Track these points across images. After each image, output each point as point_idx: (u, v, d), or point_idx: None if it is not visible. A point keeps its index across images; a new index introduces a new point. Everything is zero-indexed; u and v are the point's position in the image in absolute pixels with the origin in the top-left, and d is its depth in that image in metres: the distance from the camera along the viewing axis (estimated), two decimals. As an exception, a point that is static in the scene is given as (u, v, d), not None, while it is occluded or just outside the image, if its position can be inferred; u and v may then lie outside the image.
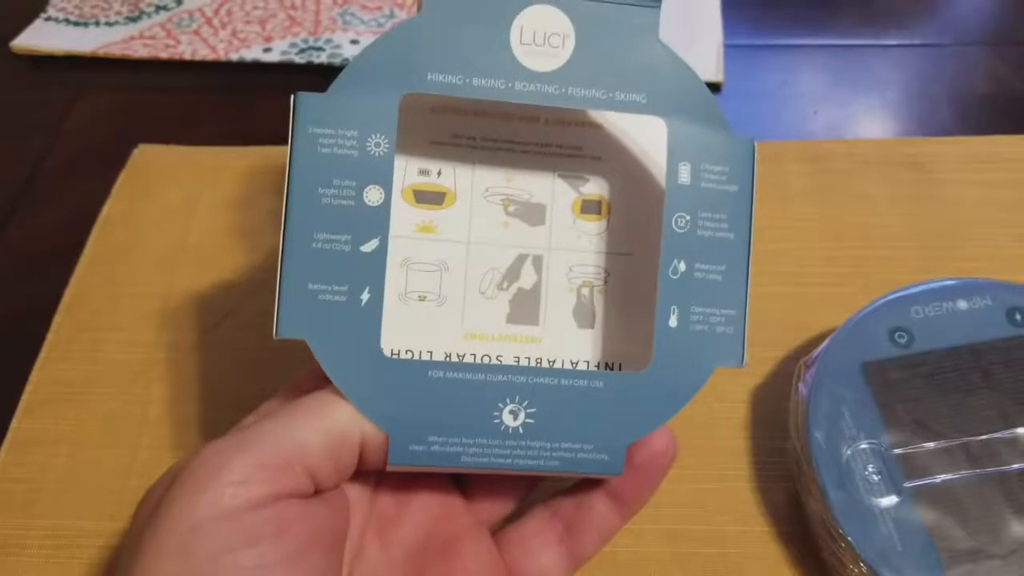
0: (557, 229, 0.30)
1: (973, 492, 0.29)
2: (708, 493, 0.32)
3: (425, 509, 0.27)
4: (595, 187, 0.30)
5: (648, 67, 0.27)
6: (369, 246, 0.25)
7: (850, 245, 0.39)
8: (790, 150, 0.42)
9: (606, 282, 0.30)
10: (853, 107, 0.45)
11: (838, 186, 0.41)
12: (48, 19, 0.49)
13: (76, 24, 0.48)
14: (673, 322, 0.27)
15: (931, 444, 0.30)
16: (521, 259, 0.29)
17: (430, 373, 0.25)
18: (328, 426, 0.23)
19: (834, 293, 0.37)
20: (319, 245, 0.24)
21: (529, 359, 0.28)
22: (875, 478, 0.29)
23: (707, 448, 0.33)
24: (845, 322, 0.32)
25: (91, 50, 0.47)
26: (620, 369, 0.29)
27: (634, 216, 0.30)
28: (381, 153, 0.25)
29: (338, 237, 0.24)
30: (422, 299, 0.28)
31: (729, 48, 0.47)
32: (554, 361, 0.29)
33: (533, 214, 0.30)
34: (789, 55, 0.48)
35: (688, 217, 0.27)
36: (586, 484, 0.27)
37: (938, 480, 0.29)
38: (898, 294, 0.33)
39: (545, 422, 0.26)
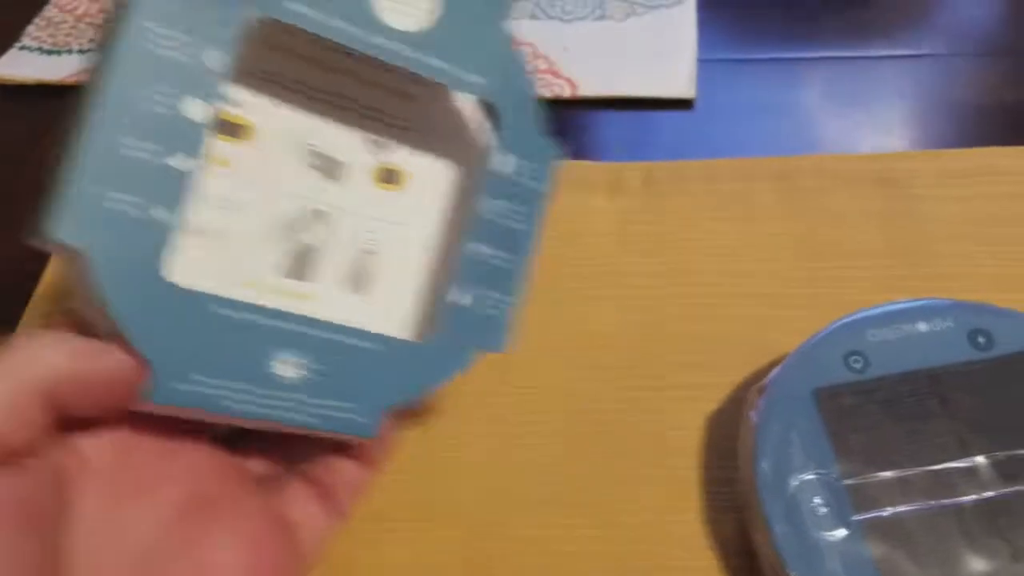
0: (351, 191, 0.29)
1: (926, 525, 0.27)
2: (657, 525, 0.31)
3: (190, 468, 0.25)
4: (400, 158, 0.30)
5: (495, 53, 0.28)
6: (175, 160, 0.23)
7: (820, 265, 0.37)
8: (761, 167, 0.41)
9: (390, 251, 0.30)
10: (837, 121, 0.44)
11: (808, 204, 0.39)
12: (23, 48, 0.49)
13: (50, 53, 0.48)
14: (456, 299, 0.28)
15: (883, 474, 0.28)
16: (309, 213, 0.29)
17: (210, 308, 0.24)
18: (78, 348, 0.22)
19: (800, 315, 0.36)
20: (123, 150, 0.22)
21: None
22: (822, 510, 0.28)
23: (659, 478, 0.32)
24: (799, 346, 0.31)
25: (62, 78, 0.47)
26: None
27: (432, 193, 0.31)
28: (213, 68, 0.24)
29: (145, 145, 0.23)
30: (201, 235, 0.27)
31: (708, 63, 0.46)
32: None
33: (331, 170, 0.29)
34: (768, 69, 0.47)
35: (493, 205, 0.28)
36: (336, 444, 0.28)
37: (889, 512, 0.27)
38: (855, 316, 0.31)
39: (315, 377, 0.25)
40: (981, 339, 0.30)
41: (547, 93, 0.45)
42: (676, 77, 0.45)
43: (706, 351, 0.35)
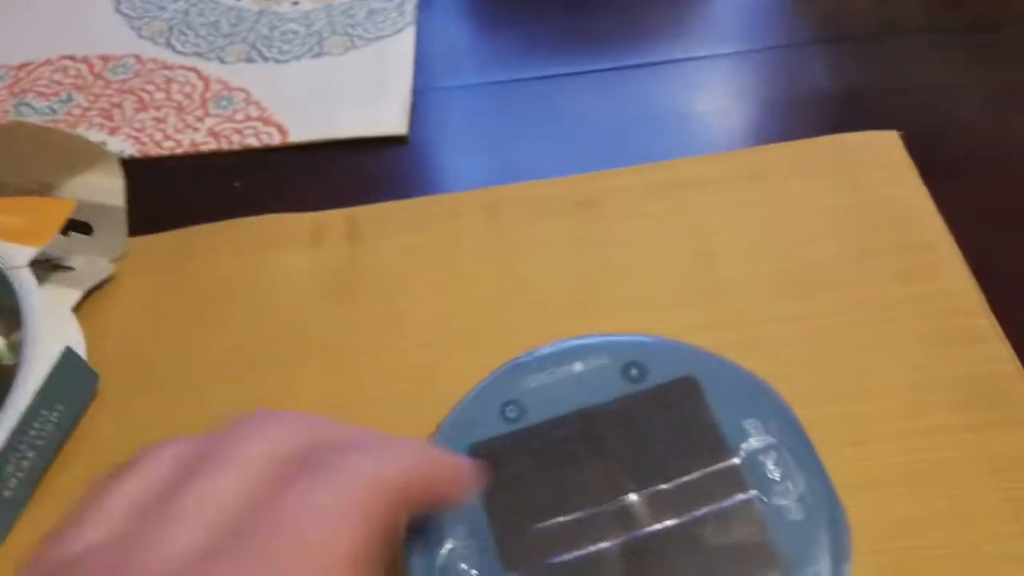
0: None
1: (577, 573, 0.27)
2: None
3: None
4: None
5: None
6: None
7: (516, 303, 0.37)
8: (468, 202, 0.40)
9: None
10: (557, 141, 0.43)
11: (511, 236, 0.39)
12: None
13: None
14: None
15: (536, 527, 0.28)
16: None
17: None
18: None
19: (491, 361, 0.35)
20: None
21: None
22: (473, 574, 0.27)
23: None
24: (461, 399, 0.31)
25: None
26: None
27: None
28: None
29: None
30: None
31: (426, 92, 0.46)
32: None
33: None
34: (485, 93, 0.46)
35: None
36: None
37: (541, 565, 0.27)
38: (511, 363, 0.31)
39: None
40: (635, 372, 0.30)
41: (256, 142, 0.44)
42: (389, 114, 0.44)
43: (404, 407, 0.34)
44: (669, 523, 0.27)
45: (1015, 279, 0.35)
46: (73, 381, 0.33)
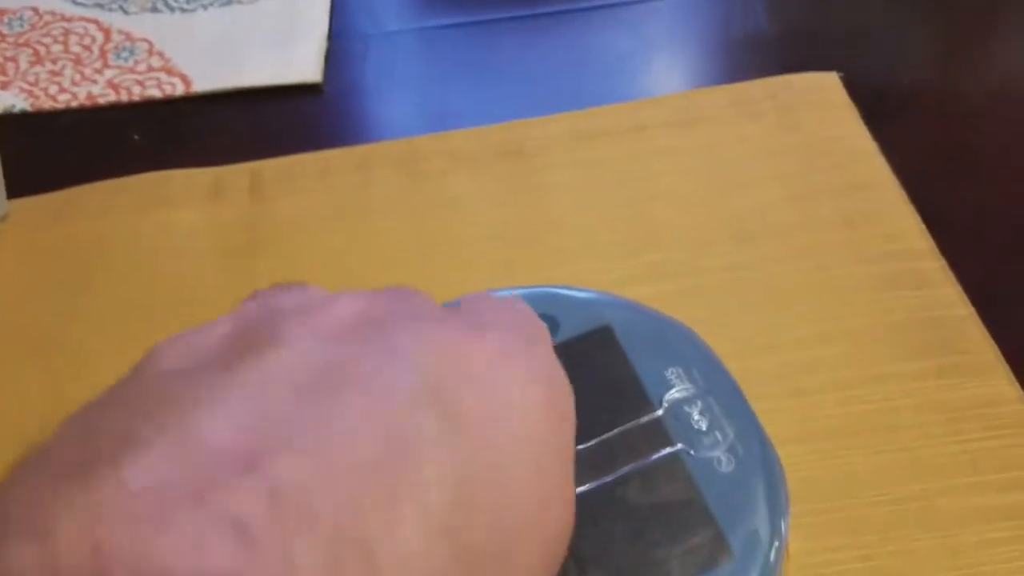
0: None
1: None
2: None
3: None
4: None
5: None
6: None
7: (433, 260, 0.34)
8: (381, 153, 0.37)
9: None
10: (474, 91, 0.41)
11: (430, 189, 0.36)
12: None
13: None
14: None
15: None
16: None
17: None
18: None
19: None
20: None
21: None
22: None
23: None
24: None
25: None
26: None
27: None
28: None
29: None
30: None
31: (341, 38, 0.42)
32: None
33: None
34: (406, 39, 0.43)
35: None
36: None
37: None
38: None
39: None
40: (546, 326, 0.27)
41: (158, 93, 0.40)
42: (303, 60, 0.41)
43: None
44: (591, 485, 0.25)
45: (963, 222, 0.33)
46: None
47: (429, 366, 0.17)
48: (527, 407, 0.18)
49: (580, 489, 0.24)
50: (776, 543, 0.23)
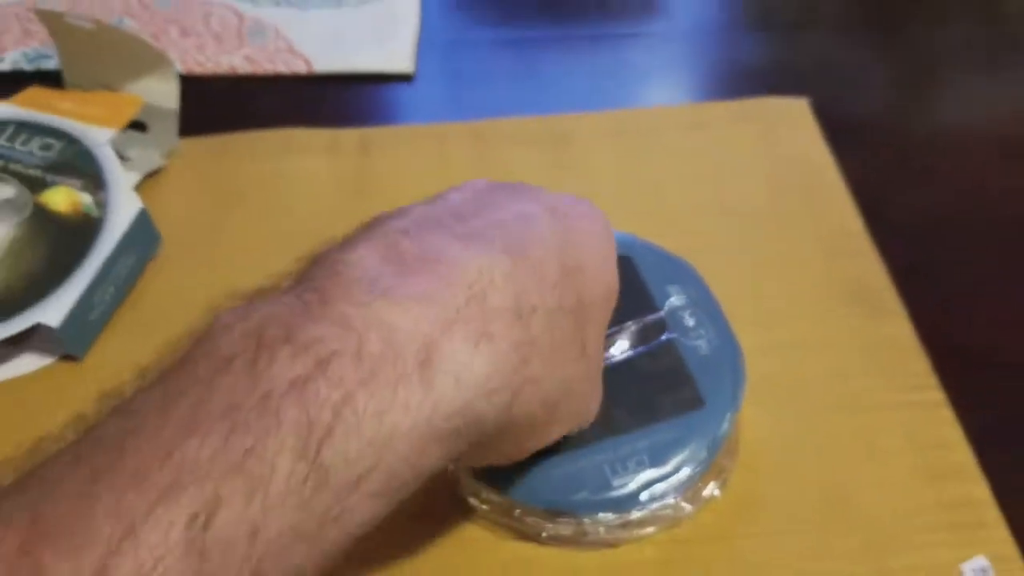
0: None
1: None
2: None
3: None
4: None
5: None
6: None
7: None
8: (457, 129, 0.49)
9: None
10: (537, 90, 0.52)
11: (493, 160, 0.48)
12: None
13: None
14: None
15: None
16: None
17: None
18: None
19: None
20: None
21: None
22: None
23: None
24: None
25: None
26: None
27: None
28: None
29: None
30: None
31: (429, 42, 0.55)
32: None
33: None
34: (481, 47, 0.55)
35: None
36: None
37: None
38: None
39: None
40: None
41: (285, 70, 0.52)
42: (399, 54, 0.53)
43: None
44: (617, 358, 0.36)
45: (897, 217, 0.45)
46: (143, 237, 0.41)
47: (546, 200, 0.29)
48: (601, 238, 0.30)
49: (608, 360, 0.36)
50: (734, 403, 0.35)
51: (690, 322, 0.37)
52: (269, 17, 0.55)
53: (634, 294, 0.37)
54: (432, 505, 0.34)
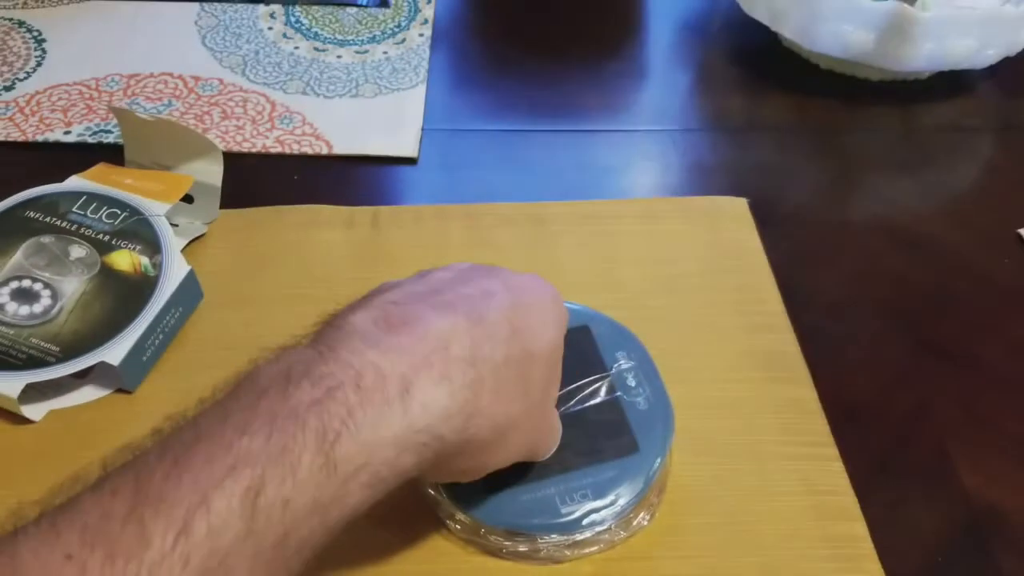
0: None
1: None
2: None
3: None
4: None
5: None
6: None
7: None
8: (455, 211, 0.58)
9: None
10: (521, 177, 0.62)
11: (481, 236, 0.57)
12: None
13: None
14: None
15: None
16: None
17: None
18: None
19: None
20: None
21: None
22: None
23: None
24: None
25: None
26: None
27: None
28: None
29: None
30: None
31: (432, 131, 0.64)
32: None
33: None
34: (477, 137, 0.65)
35: None
36: None
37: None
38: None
39: None
40: (556, 323, 0.48)
41: (309, 151, 0.61)
42: (405, 142, 0.62)
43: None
44: (571, 409, 0.45)
45: (810, 295, 0.55)
46: (189, 293, 0.50)
47: (507, 279, 0.38)
48: (547, 307, 0.39)
49: (561, 410, 0.45)
50: (664, 449, 0.44)
51: (632, 383, 0.46)
52: (296, 105, 0.64)
53: (589, 358, 0.46)
54: (415, 524, 0.43)
